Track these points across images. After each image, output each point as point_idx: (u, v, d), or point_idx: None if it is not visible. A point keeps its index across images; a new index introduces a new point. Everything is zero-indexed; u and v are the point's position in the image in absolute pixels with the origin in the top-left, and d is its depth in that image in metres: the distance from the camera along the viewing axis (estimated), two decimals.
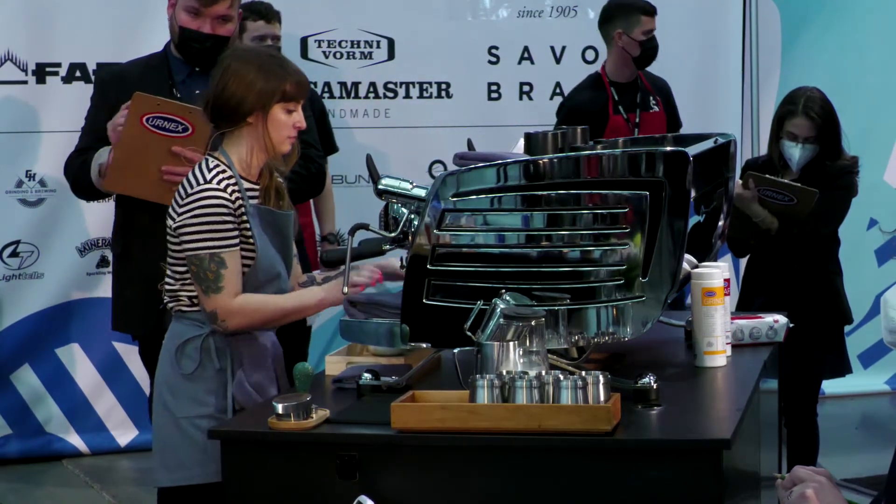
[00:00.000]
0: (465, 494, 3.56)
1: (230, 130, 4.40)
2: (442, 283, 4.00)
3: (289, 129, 4.40)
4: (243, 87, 4.32)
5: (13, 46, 7.75)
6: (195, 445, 4.27)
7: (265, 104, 4.33)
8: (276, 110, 4.35)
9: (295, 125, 4.41)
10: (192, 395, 4.34)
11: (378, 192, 4.27)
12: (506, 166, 3.97)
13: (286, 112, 4.37)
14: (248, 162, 4.40)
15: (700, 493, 3.41)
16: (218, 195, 4.26)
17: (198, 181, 4.28)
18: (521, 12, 8.71)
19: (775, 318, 4.72)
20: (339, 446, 3.65)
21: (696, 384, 4.16)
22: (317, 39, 8.37)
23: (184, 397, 4.36)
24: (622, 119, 7.21)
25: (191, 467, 4.30)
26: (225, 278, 4.25)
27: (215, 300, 4.25)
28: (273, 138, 4.37)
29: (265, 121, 4.35)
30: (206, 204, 4.25)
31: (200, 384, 4.35)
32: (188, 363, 4.35)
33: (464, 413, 3.58)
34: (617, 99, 7.24)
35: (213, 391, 4.34)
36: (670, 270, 3.94)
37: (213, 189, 4.26)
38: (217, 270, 4.25)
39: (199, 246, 4.25)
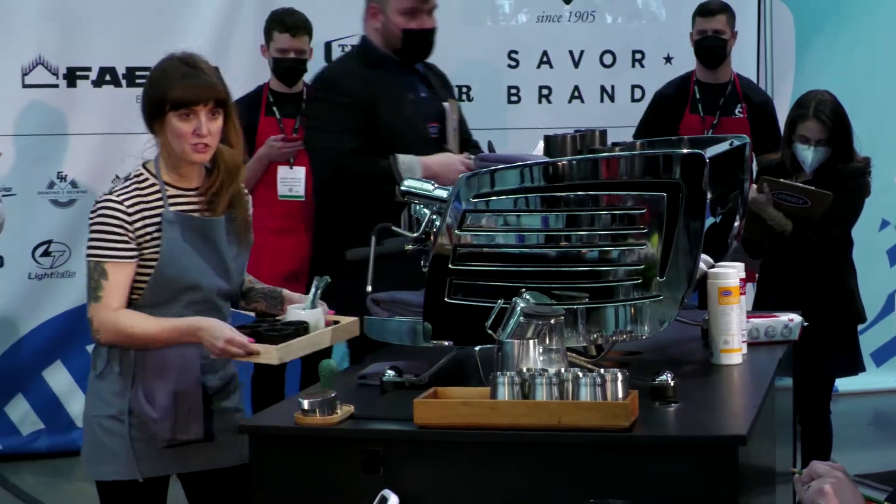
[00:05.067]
0: (486, 489, 3.56)
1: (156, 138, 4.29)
2: (463, 283, 4.00)
3: (188, 136, 4.17)
4: (143, 97, 4.29)
5: (44, 51, 7.77)
6: (100, 444, 4.28)
7: (157, 114, 4.20)
8: (170, 119, 4.17)
9: (195, 132, 4.16)
10: (100, 395, 4.30)
11: (401, 193, 4.27)
12: (526, 168, 3.97)
13: (181, 118, 4.16)
14: (174, 169, 4.27)
15: (716, 488, 3.41)
16: (113, 206, 4.16)
17: (106, 192, 4.25)
18: (541, 17, 8.71)
19: (790, 317, 4.71)
20: (362, 441, 3.65)
21: (713, 381, 4.15)
22: (341, 44, 8.35)
23: (93, 396, 4.34)
24: (698, 118, 7.22)
25: (97, 465, 4.31)
26: (104, 289, 4.15)
27: (93, 309, 4.18)
28: (174, 147, 4.20)
29: (164, 130, 4.21)
30: (101, 213, 4.17)
31: (107, 385, 4.28)
32: (99, 363, 4.29)
33: (485, 409, 3.58)
34: (698, 98, 7.24)
35: (118, 393, 4.26)
36: (687, 270, 3.93)
37: (111, 200, 4.17)
38: (98, 280, 4.15)
39: (89, 253, 4.18)
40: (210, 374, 4.32)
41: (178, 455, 4.28)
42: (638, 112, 8.34)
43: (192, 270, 4.21)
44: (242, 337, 3.98)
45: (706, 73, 7.30)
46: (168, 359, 4.17)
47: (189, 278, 4.20)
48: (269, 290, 4.52)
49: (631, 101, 8.69)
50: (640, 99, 8.68)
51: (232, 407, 4.43)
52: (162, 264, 4.16)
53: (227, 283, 4.31)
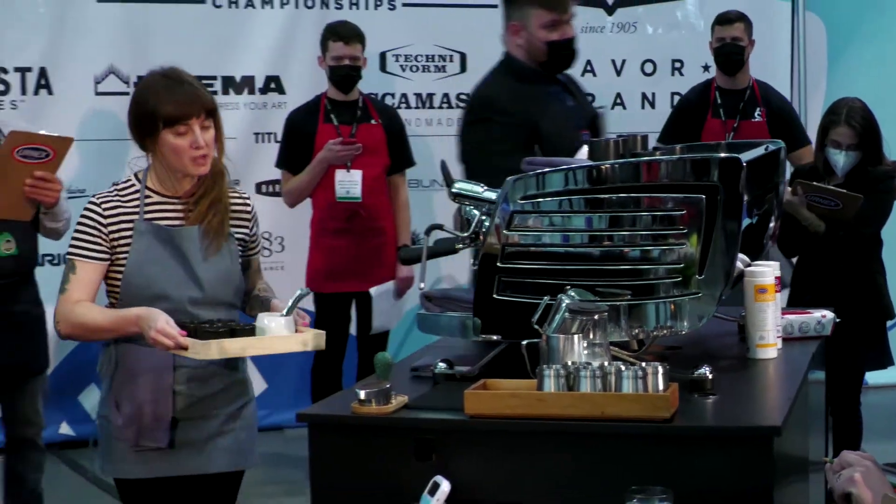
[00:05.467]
0: (533, 476, 3.55)
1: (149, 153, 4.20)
2: (511, 280, 3.99)
3: (186, 150, 4.07)
4: (130, 116, 4.16)
5: (116, 60, 7.83)
6: (101, 441, 4.29)
7: (149, 132, 4.09)
8: (164, 136, 4.07)
9: (192, 146, 4.07)
10: (102, 395, 4.30)
11: (452, 196, 4.26)
12: (571, 171, 3.96)
13: (176, 135, 4.06)
14: (165, 182, 4.19)
15: (752, 477, 3.39)
16: (91, 209, 4.11)
17: (93, 195, 4.21)
18: (585, 28, 8.68)
19: (823, 313, 4.69)
20: (416, 430, 3.64)
21: (749, 375, 4.13)
22: (394, 54, 8.40)
23: (100, 396, 4.34)
24: (719, 122, 7.21)
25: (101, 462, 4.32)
26: (70, 283, 4.09)
27: (58, 301, 4.12)
28: (171, 163, 4.11)
29: (157, 147, 4.11)
30: (82, 214, 4.12)
31: (103, 385, 4.27)
32: (100, 367, 4.27)
33: (532, 400, 3.57)
34: (719, 103, 7.23)
35: (104, 395, 4.27)
36: (724, 269, 3.92)
37: (91, 203, 4.12)
38: (67, 274, 4.10)
39: (68, 249, 4.15)
40: (191, 383, 4.19)
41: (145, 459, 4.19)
42: None
43: (158, 280, 4.11)
44: (174, 329, 3.87)
45: (725, 79, 7.29)
46: (139, 366, 4.09)
47: (156, 287, 4.10)
48: (265, 298, 4.42)
49: (671, 108, 8.65)
50: None
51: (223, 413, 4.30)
52: (128, 272, 4.09)
53: (199, 292, 4.16)
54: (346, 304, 7.20)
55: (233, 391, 4.32)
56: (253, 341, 3.97)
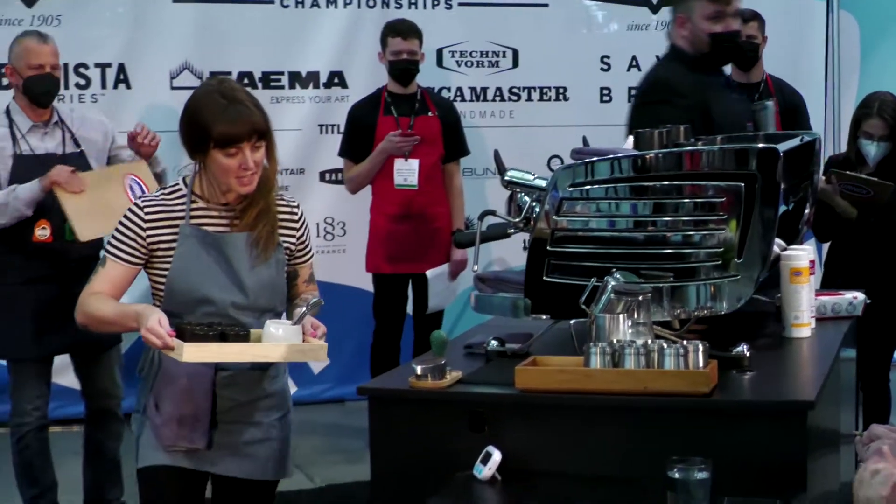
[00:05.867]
0: (579, 447, 3.55)
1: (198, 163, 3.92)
2: (560, 263, 3.99)
3: (234, 171, 3.77)
4: (182, 131, 3.86)
5: (190, 57, 7.86)
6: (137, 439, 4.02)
7: (200, 149, 3.80)
8: (214, 155, 3.77)
9: (241, 167, 3.77)
10: (139, 392, 4.03)
11: (504, 183, 4.26)
12: (617, 160, 3.96)
13: (226, 156, 3.75)
14: (213, 191, 3.88)
15: (787, 448, 3.38)
16: (133, 212, 3.84)
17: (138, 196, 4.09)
18: (630, 25, 8.70)
19: (854, 294, 4.67)
20: (469, 403, 3.65)
21: (784, 353, 4.12)
22: (451, 50, 8.40)
23: (139, 393, 4.04)
24: None
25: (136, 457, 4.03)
26: (97, 275, 3.88)
27: (84, 289, 3.89)
28: (218, 180, 3.83)
29: (206, 163, 3.83)
30: (125, 215, 3.86)
31: (141, 385, 4.01)
32: (140, 365, 4.03)
33: (579, 376, 3.57)
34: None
35: (142, 391, 4.01)
36: (761, 253, 3.90)
37: (134, 205, 3.86)
38: (97, 267, 3.90)
39: (105, 245, 3.96)
40: (233, 387, 3.91)
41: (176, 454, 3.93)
42: None
43: (202, 284, 3.83)
44: (163, 329, 3.62)
45: (740, 74, 7.23)
46: (180, 367, 3.77)
47: (200, 292, 3.83)
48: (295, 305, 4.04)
49: None
50: None
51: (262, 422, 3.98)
52: (172, 276, 3.83)
53: (243, 297, 3.86)
54: (403, 285, 7.22)
55: (275, 399, 4.02)
56: (242, 347, 3.72)
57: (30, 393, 5.60)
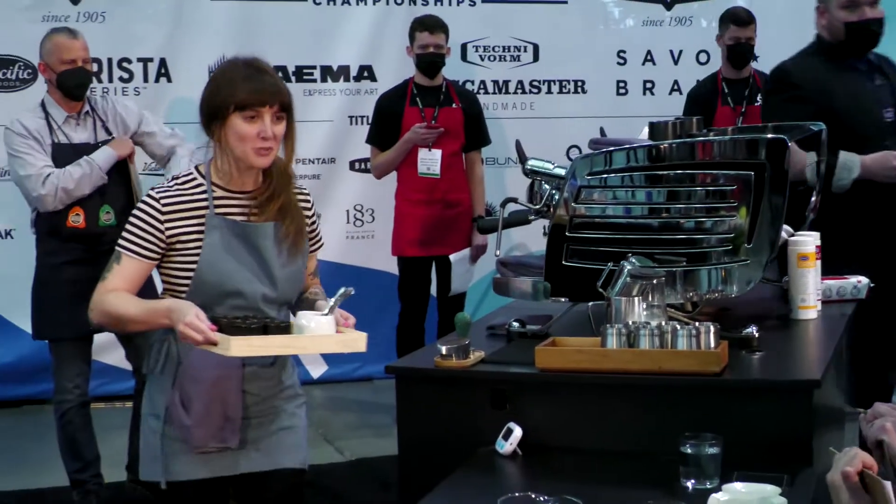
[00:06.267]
0: (596, 423, 3.54)
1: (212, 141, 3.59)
2: (578, 248, 3.99)
3: (252, 139, 3.47)
4: (204, 97, 3.56)
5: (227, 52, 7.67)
6: (145, 443, 3.67)
7: (219, 114, 3.49)
8: (233, 120, 3.47)
9: (259, 135, 3.47)
10: (150, 394, 3.67)
11: (525, 172, 4.25)
12: (633, 150, 3.95)
13: (246, 120, 3.46)
14: (227, 171, 3.57)
15: (794, 425, 3.37)
16: (149, 204, 3.50)
17: (152, 188, 3.59)
18: (645, 21, 8.67)
19: (858, 279, 4.67)
20: (492, 382, 3.64)
21: (792, 334, 4.11)
22: (474, 45, 8.38)
23: (146, 395, 3.70)
24: (729, 109, 7.14)
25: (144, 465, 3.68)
26: (112, 272, 3.52)
27: (96, 288, 3.55)
28: (234, 149, 3.50)
29: (225, 131, 3.50)
30: (136, 208, 3.54)
31: (155, 383, 3.64)
32: (150, 362, 3.65)
33: (596, 356, 3.56)
34: (727, 92, 7.17)
35: (160, 392, 3.61)
36: (770, 238, 3.89)
37: (149, 197, 3.51)
38: (111, 263, 3.53)
39: (118, 241, 3.55)
40: (256, 379, 3.64)
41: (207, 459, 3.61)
42: None
43: (233, 276, 3.52)
44: (204, 324, 3.29)
45: (733, 71, 7.22)
46: (206, 363, 3.51)
47: (230, 284, 3.52)
48: (312, 299, 3.74)
49: None
50: None
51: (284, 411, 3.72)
52: (201, 268, 3.50)
53: (272, 289, 3.57)
54: (426, 268, 7.22)
55: (292, 390, 3.76)
56: (279, 339, 3.39)
57: (70, 371, 5.61)
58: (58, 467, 5.82)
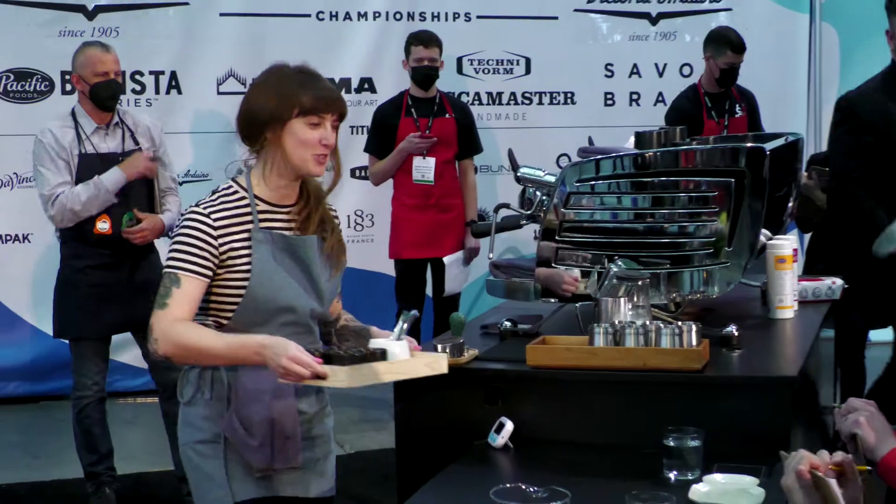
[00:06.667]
0: (584, 418, 3.54)
1: (257, 150, 3.33)
2: (567, 251, 3.98)
3: (313, 145, 3.25)
4: (259, 102, 3.28)
5: (235, 66, 7.86)
6: (198, 471, 3.36)
7: (280, 119, 3.24)
8: (294, 125, 3.24)
9: (321, 141, 3.25)
10: (191, 421, 3.36)
11: (517, 179, 4.25)
12: (619, 158, 3.95)
13: (309, 126, 3.25)
14: (271, 184, 3.32)
15: (773, 419, 3.36)
16: (198, 219, 3.22)
17: (195, 203, 3.29)
18: (632, 36, 8.67)
19: (833, 280, 4.66)
20: (485, 378, 3.64)
21: (770, 332, 4.11)
22: (469, 59, 8.38)
23: (184, 423, 3.39)
24: (714, 122, 7.13)
25: (198, 493, 3.39)
26: (172, 296, 3.18)
27: (156, 316, 3.20)
28: (292, 156, 3.26)
29: (282, 137, 3.26)
30: (186, 225, 3.23)
31: (198, 410, 3.34)
32: (188, 390, 3.36)
33: (584, 354, 3.56)
34: (710, 106, 7.16)
35: (210, 418, 3.32)
36: (749, 242, 3.90)
37: (196, 213, 3.22)
38: (169, 287, 3.19)
39: (167, 263, 3.24)
40: (304, 397, 3.42)
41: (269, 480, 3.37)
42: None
43: (285, 290, 3.27)
44: (309, 356, 3.03)
45: (710, 85, 7.21)
46: (262, 383, 3.26)
47: (283, 299, 3.27)
48: (360, 328, 3.53)
49: None
50: None
51: (325, 434, 3.52)
52: (254, 284, 3.23)
53: (320, 304, 3.36)
54: (422, 269, 7.22)
55: (328, 406, 3.55)
56: (387, 366, 3.14)
57: (90, 369, 5.60)
58: (72, 460, 5.81)
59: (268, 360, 3.06)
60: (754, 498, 2.99)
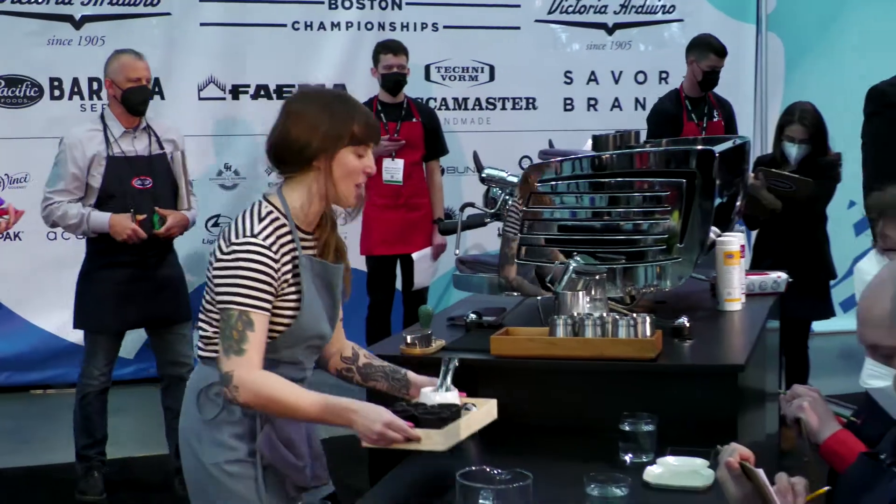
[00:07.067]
0: (546, 404, 3.54)
1: (291, 175, 3.09)
2: (529, 247, 3.98)
3: (358, 174, 3.06)
4: (307, 129, 3.01)
5: (215, 72, 7.83)
6: (228, 492, 3.09)
7: (331, 147, 3.02)
8: (343, 154, 3.02)
9: (365, 170, 3.06)
10: (218, 441, 3.09)
11: (482, 179, 4.25)
12: (578, 160, 3.95)
13: (356, 156, 3.04)
14: (307, 210, 3.10)
15: (721, 405, 3.37)
16: (262, 252, 2.96)
17: (244, 231, 2.98)
18: (589, 45, 8.67)
19: (778, 274, 4.68)
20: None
21: (719, 323, 4.12)
22: (437, 66, 8.36)
23: (209, 443, 3.10)
24: (694, 124, 7.13)
25: None
26: (249, 342, 2.93)
27: (235, 363, 2.94)
28: (339, 186, 3.05)
29: (331, 166, 3.04)
30: (246, 258, 2.94)
31: (226, 429, 3.09)
32: (210, 408, 3.10)
33: (545, 344, 3.56)
34: (690, 109, 7.16)
35: (241, 436, 3.10)
36: (700, 239, 3.90)
37: (258, 245, 2.96)
38: (243, 331, 2.94)
39: (231, 300, 2.95)
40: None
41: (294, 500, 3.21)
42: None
43: (322, 318, 3.14)
44: (402, 421, 2.89)
45: (692, 89, 7.21)
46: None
47: (321, 326, 3.14)
48: (391, 369, 3.38)
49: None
50: None
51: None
52: (304, 313, 3.06)
53: (331, 330, 3.22)
54: (392, 265, 7.22)
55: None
56: (468, 421, 3.04)
57: (99, 361, 5.57)
58: (61, 447, 5.79)
59: (357, 424, 2.92)
60: (704, 478, 3.00)
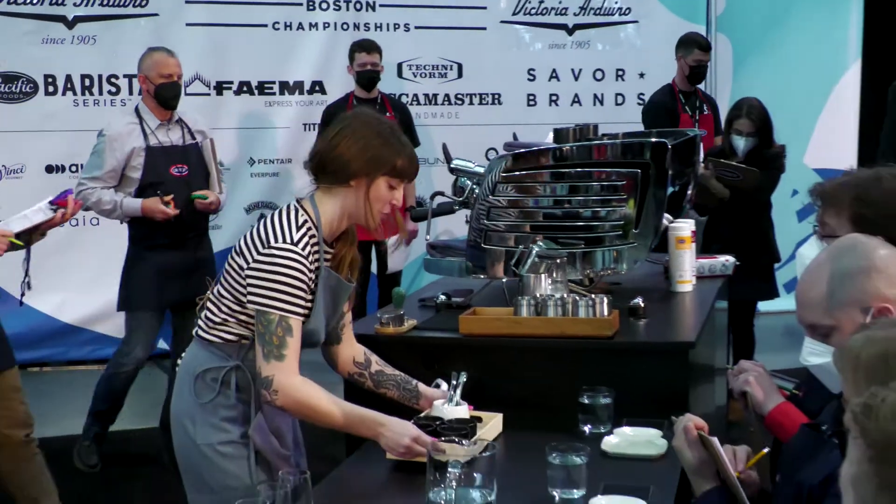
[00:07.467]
0: (512, 380, 3.55)
1: (327, 187, 3.04)
2: (494, 233, 3.99)
3: (385, 204, 3.02)
4: (357, 148, 2.97)
5: (200, 69, 7.79)
6: (221, 471, 3.05)
7: (372, 172, 2.98)
8: (380, 182, 2.99)
9: (392, 201, 3.03)
10: (211, 423, 3.05)
11: (451, 170, 4.25)
12: (540, 151, 3.95)
13: (389, 187, 3.01)
14: (334, 225, 3.04)
15: (674, 379, 3.40)
16: (300, 261, 2.90)
17: (284, 237, 2.92)
18: (551, 45, 8.68)
19: (727, 258, 4.71)
20: (423, 345, 3.66)
21: (671, 304, 4.14)
22: (408, 64, 8.35)
23: (203, 424, 3.06)
24: (688, 115, 7.14)
25: (219, 491, 3.05)
26: (289, 347, 2.91)
27: (276, 367, 2.91)
28: (373, 207, 3.00)
29: (367, 189, 2.99)
30: (288, 265, 2.89)
31: (220, 412, 3.06)
32: (205, 392, 3.06)
33: (510, 323, 3.57)
34: (683, 102, 7.17)
35: (234, 419, 3.06)
36: (654, 225, 3.92)
37: (297, 254, 2.90)
38: (283, 337, 2.90)
39: (271, 304, 2.90)
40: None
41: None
42: (621, 112, 8.42)
43: (322, 325, 3.09)
44: (427, 436, 2.87)
45: (687, 86, 7.22)
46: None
47: (319, 333, 3.09)
48: (403, 379, 3.35)
49: (615, 105, 8.70)
50: (622, 103, 8.68)
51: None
52: (311, 319, 3.02)
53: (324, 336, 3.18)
54: (367, 250, 7.21)
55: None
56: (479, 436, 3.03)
57: (138, 341, 5.51)
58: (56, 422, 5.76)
59: (385, 437, 2.92)
60: (658, 447, 3.02)
